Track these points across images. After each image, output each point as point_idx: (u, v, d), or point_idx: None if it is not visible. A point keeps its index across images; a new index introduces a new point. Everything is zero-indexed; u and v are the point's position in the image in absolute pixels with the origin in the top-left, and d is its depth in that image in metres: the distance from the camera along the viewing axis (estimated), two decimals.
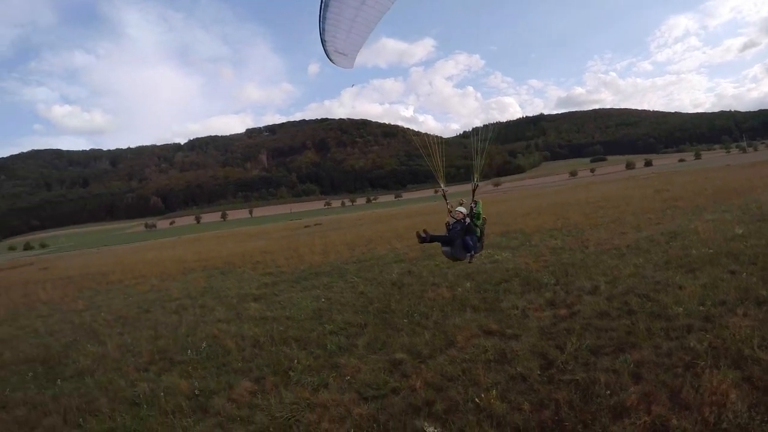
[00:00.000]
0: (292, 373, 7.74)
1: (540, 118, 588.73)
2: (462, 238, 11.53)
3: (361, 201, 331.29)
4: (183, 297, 16.81)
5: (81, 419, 7.17)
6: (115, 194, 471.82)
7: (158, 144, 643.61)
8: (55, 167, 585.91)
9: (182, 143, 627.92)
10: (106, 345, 11.21)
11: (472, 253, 11.60)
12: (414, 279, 14.24)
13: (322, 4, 9.55)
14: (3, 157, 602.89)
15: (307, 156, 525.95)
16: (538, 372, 6.56)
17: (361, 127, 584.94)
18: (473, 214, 11.90)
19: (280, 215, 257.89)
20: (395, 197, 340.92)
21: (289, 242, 37.58)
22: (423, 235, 11.60)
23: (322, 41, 10.23)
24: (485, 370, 6.86)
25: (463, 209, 11.91)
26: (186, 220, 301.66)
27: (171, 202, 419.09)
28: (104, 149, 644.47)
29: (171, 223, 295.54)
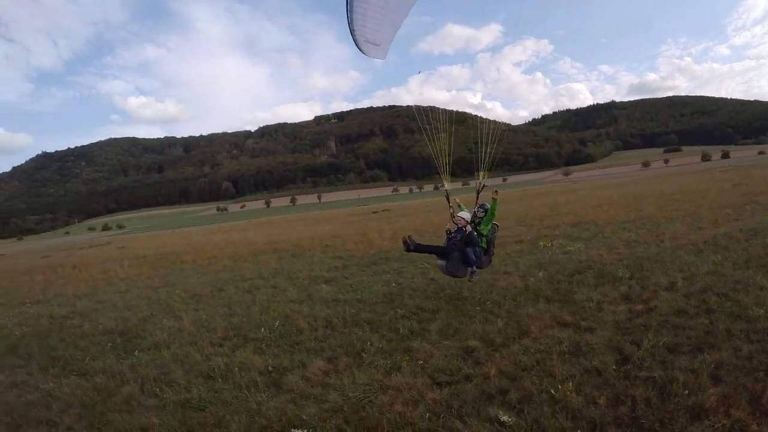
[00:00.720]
0: (365, 355, 7.81)
1: (611, 106, 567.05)
2: (462, 250, 10.50)
3: (428, 188, 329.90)
4: (255, 277, 17.26)
5: (158, 389, 7.51)
6: (188, 179, 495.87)
7: (229, 131, 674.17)
8: (131, 154, 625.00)
9: (252, 131, 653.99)
10: (182, 320, 11.71)
11: (474, 269, 10.63)
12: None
13: None
14: (83, 146, 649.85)
15: (374, 142, 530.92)
16: (614, 367, 6.34)
17: (429, 113, 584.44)
18: (478, 221, 11.19)
19: (347, 201, 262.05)
20: (462, 185, 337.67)
21: (357, 227, 38.06)
22: (408, 242, 10.59)
23: (351, 31, 9.94)
24: (560, 361, 6.67)
25: (465, 214, 11.00)
26: (256, 204, 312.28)
27: (242, 187, 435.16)
28: (178, 137, 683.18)
29: (242, 207, 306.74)
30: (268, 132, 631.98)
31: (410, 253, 11.03)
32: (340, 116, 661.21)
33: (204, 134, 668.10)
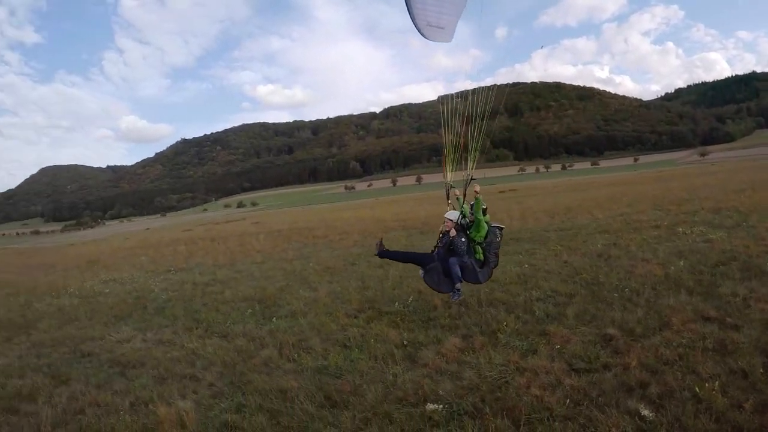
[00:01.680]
0: (500, 335, 7.60)
1: (752, 77, 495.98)
2: (445, 259, 9.12)
3: (555, 168, 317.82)
4: None
5: (295, 355, 7.80)
6: (317, 159, 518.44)
7: (355, 113, 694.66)
8: (262, 138, 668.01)
9: (377, 112, 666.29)
10: (317, 291, 12.16)
11: (458, 287, 9.05)
12: (621, 252, 13.27)
13: None
14: (218, 132, 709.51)
15: (499, 121, 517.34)
16: (761, 370, 5.60)
17: (555, 90, 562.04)
18: (468, 223, 9.40)
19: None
20: (591, 165, 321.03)
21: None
22: (380, 246, 9.87)
23: (411, 16, 9.27)
24: (704, 358, 6.06)
25: (453, 214, 9.44)
26: (382, 183, 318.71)
27: (368, 166, 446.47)
28: (306, 120, 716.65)
29: (369, 186, 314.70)
30: (393, 113, 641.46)
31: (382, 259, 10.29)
32: (464, 95, 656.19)
33: (331, 117, 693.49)
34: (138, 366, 8.29)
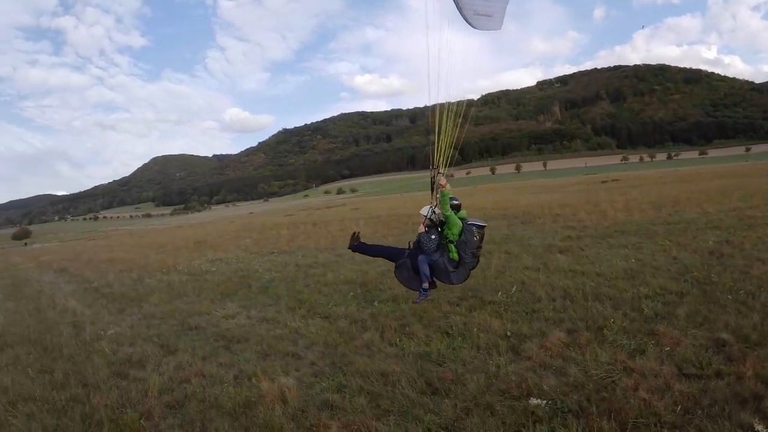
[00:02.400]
0: (606, 332, 7.15)
1: None
2: (415, 257, 8.98)
3: (660, 157, 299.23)
4: (487, 242, 16.85)
5: (397, 339, 7.74)
6: (415, 147, 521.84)
7: (452, 101, 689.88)
8: (361, 126, 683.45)
9: (475, 99, 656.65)
10: None
11: (426, 286, 8.99)
12: (735, 250, 12.09)
13: None
14: (318, 121, 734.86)
15: (601, 106, 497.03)
16: None
17: (659, 73, 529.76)
18: (437, 219, 9.07)
19: (573, 169, 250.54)
20: (699, 154, 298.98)
21: (587, 196, 36.20)
22: (354, 239, 10.03)
23: (458, 6, 8.99)
24: None
25: (424, 210, 9.32)
26: (481, 171, 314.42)
27: (467, 154, 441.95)
28: (403, 108, 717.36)
29: (467, 174, 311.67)
30: (491, 99, 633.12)
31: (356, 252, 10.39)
32: (563, 80, 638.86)
33: (428, 105, 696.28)
34: (242, 341, 8.57)
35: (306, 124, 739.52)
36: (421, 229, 9.20)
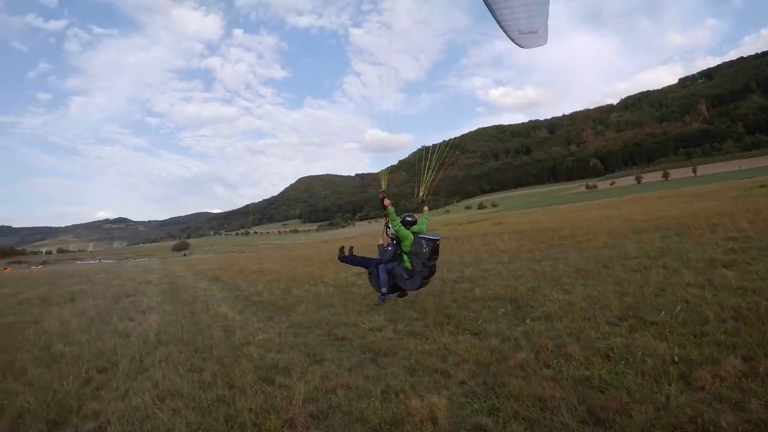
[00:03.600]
0: None
1: None
2: (377, 266, 10.38)
3: None
4: (641, 256, 15.81)
5: (554, 360, 7.13)
6: (555, 159, 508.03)
7: (591, 107, 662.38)
8: (499, 140, 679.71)
9: (614, 103, 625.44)
10: (571, 294, 11.24)
11: (384, 291, 10.28)
12: None
13: None
14: (456, 137, 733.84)
15: (752, 100, 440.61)
16: None
17: None
18: (392, 235, 10.43)
19: (726, 173, 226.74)
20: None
21: (746, 203, 32.22)
22: (341, 251, 11.49)
23: (503, 29, 9.46)
24: None
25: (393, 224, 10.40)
26: (626, 181, 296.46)
27: (610, 163, 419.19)
28: (541, 119, 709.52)
29: (611, 184, 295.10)
30: (631, 103, 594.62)
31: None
32: (707, 74, 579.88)
33: (566, 113, 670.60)
34: (389, 354, 8.39)
35: (444, 141, 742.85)
36: (380, 242, 10.76)
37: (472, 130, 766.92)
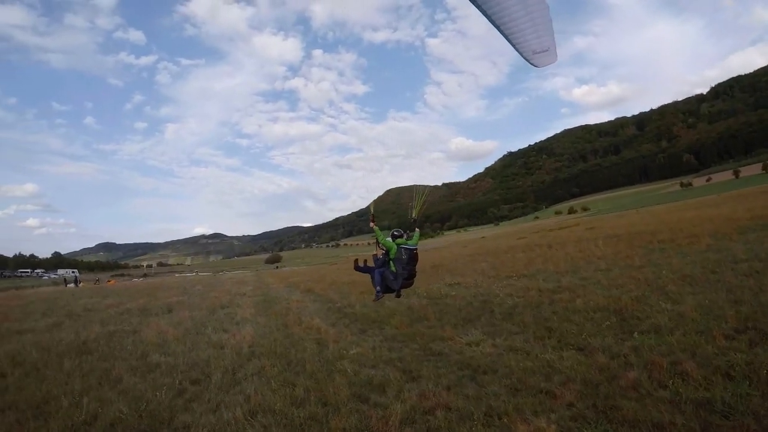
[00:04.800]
0: None
1: None
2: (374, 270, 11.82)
3: None
4: (750, 259, 14.34)
5: (669, 380, 6.41)
6: (646, 156, 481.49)
7: (679, 99, 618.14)
8: (586, 141, 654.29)
9: (704, 93, 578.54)
10: (680, 304, 10.25)
11: (378, 289, 11.54)
12: None
13: (489, 19, 9.48)
14: (541, 140, 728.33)
15: None
16: None
17: None
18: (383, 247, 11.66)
19: None
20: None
21: None
22: (356, 263, 12.95)
23: (518, 51, 9.91)
24: None
25: (389, 238, 11.84)
26: (723, 176, 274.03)
27: (704, 158, 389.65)
28: (628, 116, 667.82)
29: (707, 180, 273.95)
30: (722, 90, 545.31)
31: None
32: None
33: (654, 107, 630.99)
34: (489, 372, 7.96)
35: (530, 145, 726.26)
36: (375, 252, 12.27)
37: (558, 132, 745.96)
